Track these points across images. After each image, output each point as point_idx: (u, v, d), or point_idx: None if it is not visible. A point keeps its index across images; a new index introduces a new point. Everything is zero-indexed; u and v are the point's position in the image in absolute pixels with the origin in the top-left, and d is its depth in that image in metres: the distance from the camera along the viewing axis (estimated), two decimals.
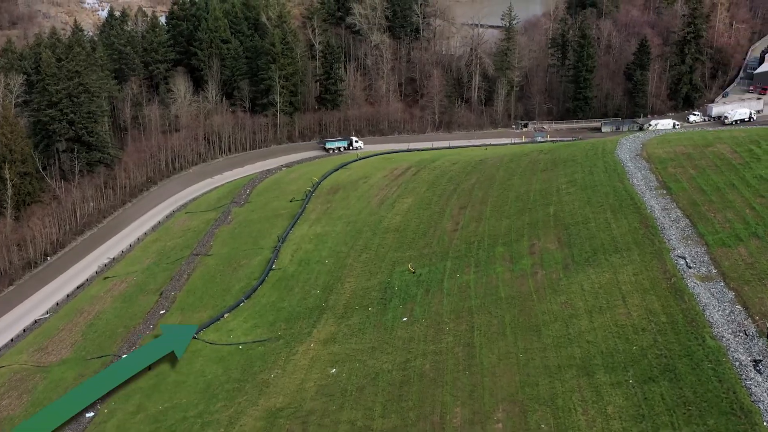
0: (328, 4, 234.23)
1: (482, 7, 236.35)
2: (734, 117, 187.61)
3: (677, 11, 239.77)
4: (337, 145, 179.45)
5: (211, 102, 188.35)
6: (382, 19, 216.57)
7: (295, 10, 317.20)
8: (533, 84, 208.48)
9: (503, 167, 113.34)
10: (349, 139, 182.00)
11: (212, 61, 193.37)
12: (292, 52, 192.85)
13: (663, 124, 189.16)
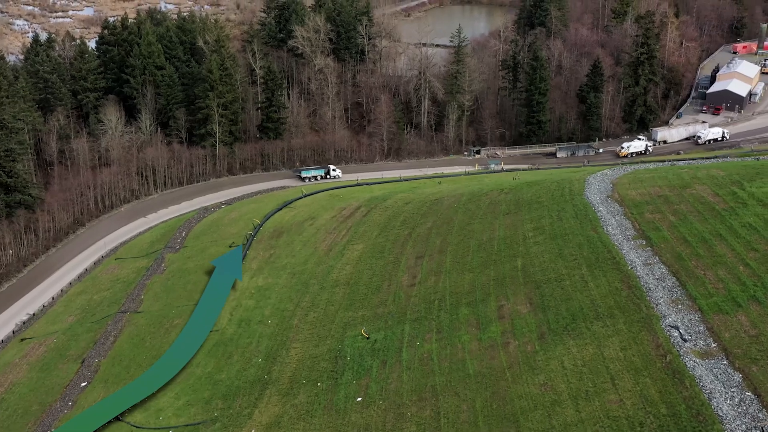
0: (268, 27, 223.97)
1: (429, 27, 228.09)
2: (631, 150, 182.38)
3: (627, 30, 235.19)
4: (314, 174, 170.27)
5: (145, 133, 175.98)
6: (325, 41, 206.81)
7: (236, 30, 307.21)
8: (485, 108, 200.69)
9: (462, 209, 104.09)
10: (326, 168, 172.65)
11: (146, 89, 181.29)
12: (231, 78, 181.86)
13: (635, 146, 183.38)
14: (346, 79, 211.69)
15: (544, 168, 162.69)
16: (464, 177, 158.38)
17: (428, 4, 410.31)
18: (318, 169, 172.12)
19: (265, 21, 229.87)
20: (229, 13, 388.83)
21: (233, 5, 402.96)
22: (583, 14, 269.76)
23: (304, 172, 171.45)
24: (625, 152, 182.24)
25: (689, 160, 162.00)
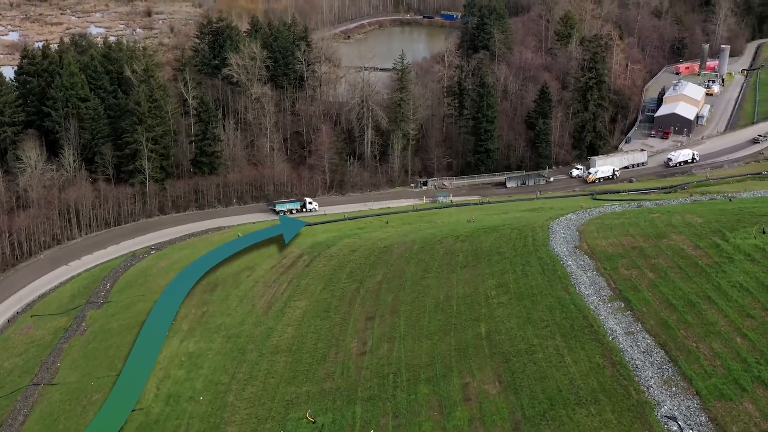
0: (202, 53, 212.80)
1: (370, 52, 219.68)
2: (599, 174, 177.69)
3: (571, 52, 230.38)
4: (289, 208, 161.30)
5: (69, 170, 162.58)
6: (262, 69, 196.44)
7: (170, 54, 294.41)
8: (430, 136, 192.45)
9: (414, 259, 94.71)
10: (302, 201, 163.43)
11: (69, 123, 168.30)
12: (161, 110, 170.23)
13: (603, 171, 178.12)
14: (284, 107, 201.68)
15: (496, 202, 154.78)
16: (413, 213, 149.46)
17: (368, 26, 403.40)
18: (293, 202, 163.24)
19: (198, 47, 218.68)
20: (163, 36, 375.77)
21: (167, 28, 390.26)
22: (526, 37, 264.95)
23: (279, 205, 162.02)
24: (593, 177, 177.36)
25: (645, 190, 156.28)
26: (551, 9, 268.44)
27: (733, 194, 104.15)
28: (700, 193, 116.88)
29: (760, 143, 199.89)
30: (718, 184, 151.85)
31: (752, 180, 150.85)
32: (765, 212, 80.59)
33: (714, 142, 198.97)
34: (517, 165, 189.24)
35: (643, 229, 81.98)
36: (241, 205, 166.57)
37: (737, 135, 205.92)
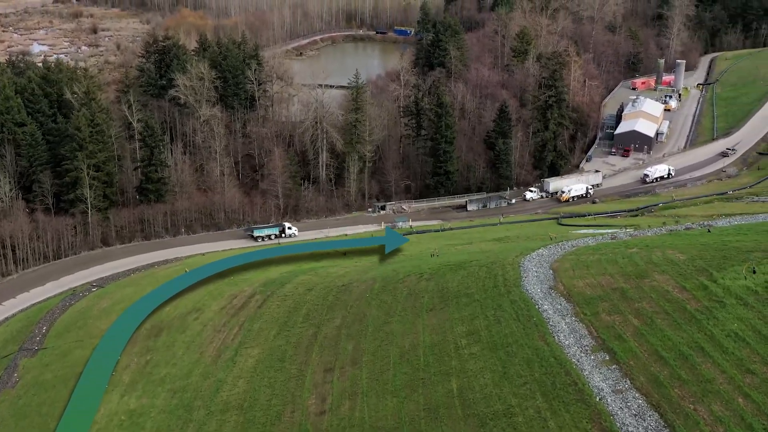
0: (147, 73, 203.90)
1: (322, 72, 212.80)
2: (573, 193, 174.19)
3: (528, 69, 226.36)
4: (267, 233, 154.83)
5: (4, 200, 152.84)
6: (211, 90, 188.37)
7: (116, 73, 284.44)
8: (387, 158, 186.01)
9: (375, 301, 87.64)
10: (281, 226, 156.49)
11: (4, 149, 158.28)
12: (103, 135, 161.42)
13: (576, 190, 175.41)
14: (235, 129, 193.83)
15: (458, 228, 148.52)
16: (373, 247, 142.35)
17: (320, 42, 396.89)
18: (272, 228, 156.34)
19: (143, 67, 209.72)
20: (109, 54, 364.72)
21: (113, 46, 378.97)
22: (482, 53, 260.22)
23: (257, 231, 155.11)
24: (566, 196, 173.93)
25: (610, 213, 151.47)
26: (506, 25, 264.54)
27: (709, 222, 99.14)
28: (674, 220, 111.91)
29: (730, 156, 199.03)
30: (685, 205, 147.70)
31: (719, 201, 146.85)
32: (750, 247, 75.28)
33: (676, 160, 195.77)
34: (478, 187, 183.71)
35: (623, 268, 76.02)
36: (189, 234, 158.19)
37: (698, 152, 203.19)
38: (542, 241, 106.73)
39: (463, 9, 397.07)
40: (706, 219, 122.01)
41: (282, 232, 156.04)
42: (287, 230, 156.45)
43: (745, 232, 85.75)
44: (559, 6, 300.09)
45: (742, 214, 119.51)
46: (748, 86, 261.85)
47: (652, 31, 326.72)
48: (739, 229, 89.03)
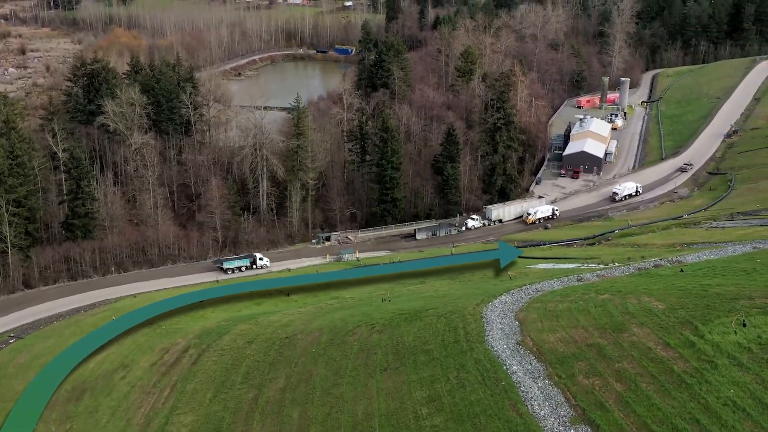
0: (75, 98, 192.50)
1: (262, 90, 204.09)
2: (539, 215, 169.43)
3: (474, 89, 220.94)
4: (237, 265, 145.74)
5: None
6: (142, 116, 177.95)
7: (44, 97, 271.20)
8: (332, 185, 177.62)
9: (323, 357, 78.89)
10: (251, 257, 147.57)
11: None
12: (24, 167, 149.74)
13: (542, 211, 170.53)
14: (169, 157, 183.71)
15: (407, 261, 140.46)
16: (317, 277, 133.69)
17: (259, 62, 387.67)
18: (243, 259, 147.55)
19: (71, 91, 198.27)
20: (37, 76, 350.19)
21: (42, 68, 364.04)
22: (426, 73, 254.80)
23: (227, 263, 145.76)
24: (532, 218, 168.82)
25: (566, 242, 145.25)
26: (449, 44, 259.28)
27: (678, 259, 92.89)
28: (639, 256, 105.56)
29: (688, 171, 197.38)
30: (642, 232, 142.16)
31: (677, 227, 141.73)
32: (734, 293, 68.75)
33: (626, 181, 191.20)
34: (426, 213, 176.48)
35: (597, 319, 68.76)
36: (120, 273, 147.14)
37: (648, 172, 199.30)
38: (501, 281, 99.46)
39: (405, 27, 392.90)
40: (668, 249, 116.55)
41: (253, 263, 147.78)
42: (258, 261, 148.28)
43: (721, 272, 79.46)
44: (502, 24, 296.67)
45: (707, 244, 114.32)
46: (692, 103, 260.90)
47: (594, 49, 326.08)
48: (713, 268, 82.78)
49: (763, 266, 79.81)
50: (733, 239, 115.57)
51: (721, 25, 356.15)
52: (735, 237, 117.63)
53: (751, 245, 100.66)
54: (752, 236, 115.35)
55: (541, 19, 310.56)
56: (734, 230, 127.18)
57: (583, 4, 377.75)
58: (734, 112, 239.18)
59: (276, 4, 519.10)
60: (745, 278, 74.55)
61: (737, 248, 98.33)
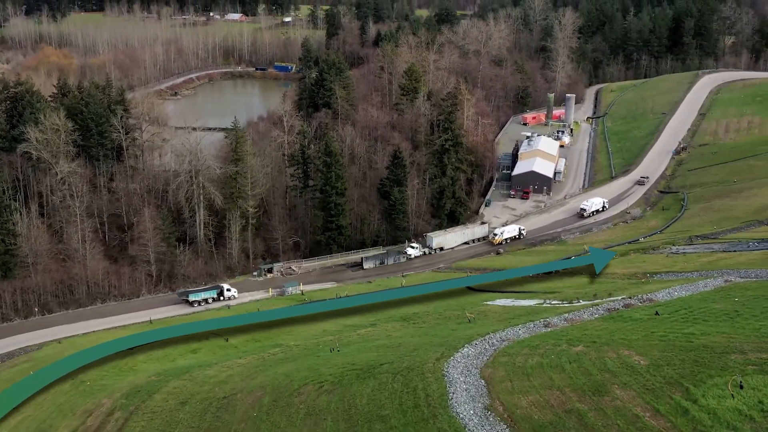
0: None
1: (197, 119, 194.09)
2: (505, 235, 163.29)
3: (420, 108, 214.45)
4: (204, 297, 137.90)
5: None
6: (68, 143, 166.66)
7: None
8: (273, 213, 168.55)
9: (265, 423, 69.89)
10: (218, 287, 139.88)
11: None
12: None
13: (508, 231, 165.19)
14: (99, 185, 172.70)
15: (355, 295, 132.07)
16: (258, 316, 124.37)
17: (197, 81, 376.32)
18: (209, 290, 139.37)
19: None
20: None
21: None
22: (369, 92, 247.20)
23: (193, 295, 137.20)
24: (498, 239, 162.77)
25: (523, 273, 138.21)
26: (392, 61, 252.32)
27: (649, 297, 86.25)
28: (604, 290, 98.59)
29: (645, 184, 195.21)
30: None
31: (635, 252, 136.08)
32: (722, 345, 62.11)
33: (579, 201, 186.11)
34: (373, 240, 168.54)
35: (573, 378, 61.35)
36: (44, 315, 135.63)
37: (600, 192, 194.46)
38: (458, 323, 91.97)
39: (346, 43, 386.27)
40: (632, 281, 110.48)
41: (220, 294, 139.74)
42: (226, 292, 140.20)
43: (701, 316, 73.00)
44: (445, 40, 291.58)
45: (672, 274, 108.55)
46: (638, 119, 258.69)
47: (538, 64, 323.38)
48: (690, 310, 76.39)
49: (745, 308, 73.66)
50: (697, 268, 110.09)
51: (661, 40, 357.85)
52: (699, 265, 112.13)
53: (721, 278, 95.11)
54: (717, 264, 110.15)
55: (484, 35, 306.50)
56: (696, 257, 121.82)
57: (524, 19, 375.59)
58: (681, 128, 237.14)
59: (213, 21, 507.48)
60: (729, 325, 68.08)
61: (708, 283, 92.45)
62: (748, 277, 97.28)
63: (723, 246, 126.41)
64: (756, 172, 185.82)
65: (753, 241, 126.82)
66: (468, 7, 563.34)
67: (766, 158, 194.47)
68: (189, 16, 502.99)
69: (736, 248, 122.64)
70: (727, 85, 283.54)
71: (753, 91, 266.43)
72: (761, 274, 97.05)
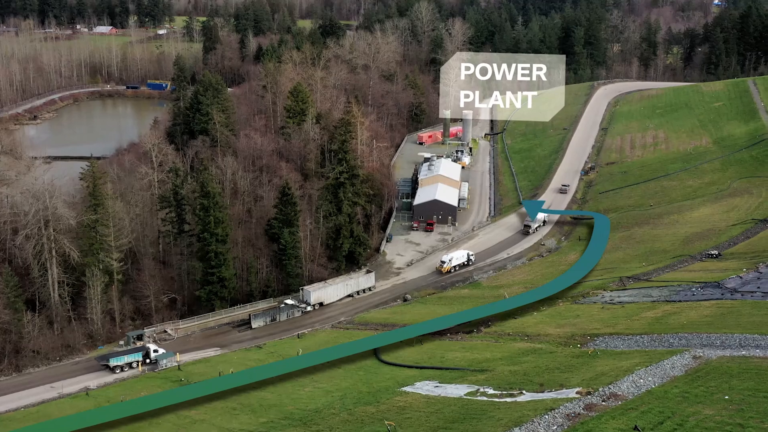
0: None
1: (41, 162, 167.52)
2: (454, 262, 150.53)
3: (308, 132, 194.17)
4: (128, 360, 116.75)
5: None
6: None
7: None
8: (143, 266, 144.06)
9: None
10: (144, 349, 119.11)
11: None
12: None
13: (457, 258, 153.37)
14: None
15: (243, 373, 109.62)
16: (121, 413, 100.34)
17: (60, 102, 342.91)
18: (134, 353, 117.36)
19: None
20: None
21: None
22: (251, 114, 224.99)
23: (114, 359, 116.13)
24: (448, 267, 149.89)
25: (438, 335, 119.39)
26: (276, 80, 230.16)
27: (612, 391, 68.42)
28: (548, 374, 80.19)
29: (567, 193, 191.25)
30: (527, 312, 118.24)
31: (564, 301, 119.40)
32: None
33: (488, 234, 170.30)
34: (263, 291, 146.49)
35: None
36: None
37: (510, 221, 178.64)
38: None
39: (225, 58, 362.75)
40: (570, 347, 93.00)
41: (146, 356, 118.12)
42: (153, 354, 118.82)
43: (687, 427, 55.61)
44: (332, 55, 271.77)
45: (617, 337, 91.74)
46: (539, 135, 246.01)
47: (429, 77, 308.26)
48: (679, 422, 58.80)
49: (748, 417, 56.65)
50: (646, 329, 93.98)
51: (552, 49, 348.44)
52: (647, 325, 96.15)
53: (687, 353, 78.68)
54: (668, 324, 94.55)
55: (372, 48, 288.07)
56: (637, 309, 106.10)
57: (412, 30, 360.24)
58: (585, 144, 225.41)
59: (80, 35, 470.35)
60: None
61: (675, 362, 75.87)
62: (714, 345, 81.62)
63: (662, 293, 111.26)
64: (671, 194, 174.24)
65: (694, 284, 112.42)
66: (352, 17, 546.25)
67: (678, 178, 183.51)
68: (52, 29, 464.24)
69: (679, 296, 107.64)
70: (624, 97, 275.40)
71: (651, 102, 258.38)
72: (728, 342, 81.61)
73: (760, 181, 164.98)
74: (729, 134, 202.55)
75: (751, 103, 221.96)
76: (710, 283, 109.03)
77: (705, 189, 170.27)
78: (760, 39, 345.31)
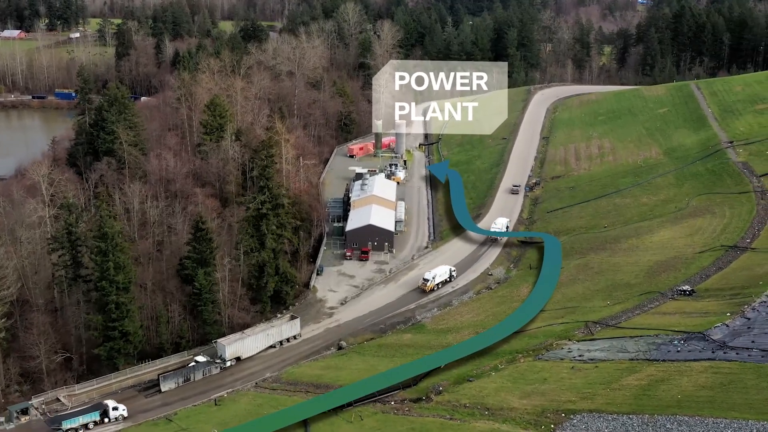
0: None
1: None
2: (437, 280, 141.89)
3: (227, 150, 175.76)
4: (83, 422, 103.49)
5: None
6: None
7: None
8: (32, 322, 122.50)
9: None
10: (101, 407, 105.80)
11: None
12: None
13: (440, 275, 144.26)
14: None
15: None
16: None
17: None
18: (89, 413, 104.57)
19: None
20: None
21: None
22: (165, 130, 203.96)
23: (68, 421, 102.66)
24: (431, 285, 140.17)
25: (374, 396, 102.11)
26: (191, 91, 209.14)
27: None
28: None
29: (519, 193, 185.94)
30: (483, 371, 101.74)
31: (525, 357, 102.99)
32: None
33: (429, 263, 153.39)
34: (175, 344, 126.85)
35: None
36: None
37: (453, 246, 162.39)
38: None
39: (139, 65, 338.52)
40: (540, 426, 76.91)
41: (104, 415, 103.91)
42: (112, 412, 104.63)
43: None
44: (254, 62, 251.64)
45: (596, 415, 75.85)
46: (477, 146, 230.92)
47: (358, 83, 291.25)
48: None
49: None
50: (632, 405, 78.37)
51: (485, 51, 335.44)
52: (631, 397, 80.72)
53: None
54: (658, 397, 79.25)
55: (297, 53, 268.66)
56: (613, 369, 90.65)
57: (339, 33, 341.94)
58: (527, 156, 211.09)
59: None
60: None
61: None
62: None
63: (640, 347, 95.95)
64: (625, 214, 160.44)
65: (674, 335, 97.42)
66: (276, 18, 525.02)
67: (631, 194, 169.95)
68: None
69: (661, 352, 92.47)
70: (562, 102, 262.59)
71: (592, 108, 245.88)
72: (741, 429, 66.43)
73: (720, 198, 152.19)
74: (679, 144, 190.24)
75: (698, 109, 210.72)
76: (693, 334, 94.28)
77: (662, 207, 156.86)
78: (695, 39, 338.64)
